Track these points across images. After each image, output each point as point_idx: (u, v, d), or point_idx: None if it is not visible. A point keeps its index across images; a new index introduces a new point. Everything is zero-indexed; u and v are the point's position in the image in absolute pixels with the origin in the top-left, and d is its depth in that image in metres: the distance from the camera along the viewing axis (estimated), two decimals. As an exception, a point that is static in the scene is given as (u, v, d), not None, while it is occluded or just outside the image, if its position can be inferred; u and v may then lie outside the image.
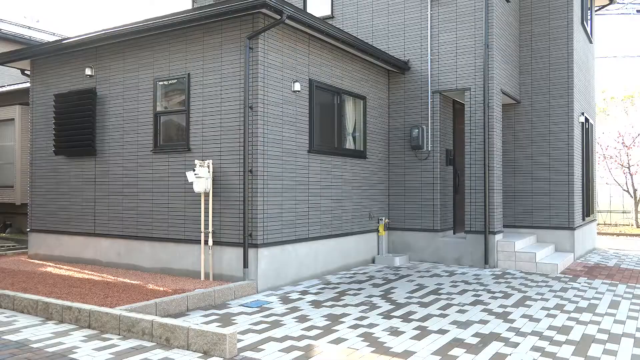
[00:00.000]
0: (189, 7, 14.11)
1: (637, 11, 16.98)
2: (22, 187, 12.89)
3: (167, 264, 8.34)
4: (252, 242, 7.50)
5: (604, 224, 22.96)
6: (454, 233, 11.18)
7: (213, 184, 7.85)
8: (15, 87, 13.60)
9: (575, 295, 7.51)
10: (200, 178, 7.63)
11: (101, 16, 53.34)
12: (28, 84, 11.31)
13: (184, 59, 8.31)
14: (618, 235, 18.44)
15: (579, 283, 8.48)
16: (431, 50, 10.42)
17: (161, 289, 7.06)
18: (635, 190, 22.35)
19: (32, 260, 9.79)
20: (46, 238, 9.90)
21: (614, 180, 23.27)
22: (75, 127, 9.40)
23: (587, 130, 12.29)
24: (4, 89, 13.92)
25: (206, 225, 7.87)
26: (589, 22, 13.05)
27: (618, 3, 16.16)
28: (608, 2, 14.60)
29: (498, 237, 9.95)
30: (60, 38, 11.06)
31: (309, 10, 11.67)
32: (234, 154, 7.73)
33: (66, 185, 9.67)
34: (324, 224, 8.92)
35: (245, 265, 7.45)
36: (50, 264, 9.28)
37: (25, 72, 10.73)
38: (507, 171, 11.30)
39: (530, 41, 11.32)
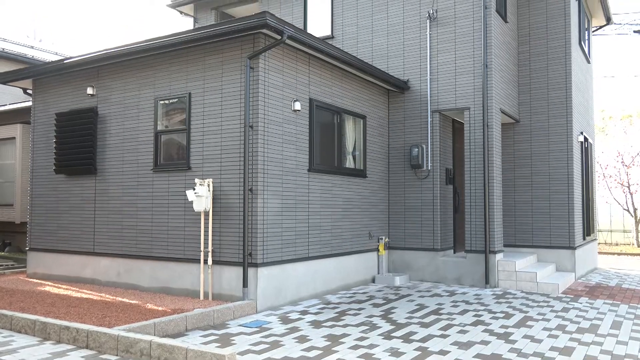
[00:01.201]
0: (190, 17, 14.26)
1: (634, 31, 17.15)
2: (22, 206, 12.87)
3: (167, 283, 8.29)
4: (251, 262, 7.47)
5: (605, 243, 22.89)
6: (454, 252, 11.14)
7: (213, 203, 7.84)
8: (17, 106, 13.66)
9: (577, 316, 7.46)
10: (200, 197, 7.63)
11: (102, 19, 53.77)
12: (29, 103, 11.37)
13: (185, 79, 8.37)
14: (619, 254, 18.37)
15: (581, 303, 8.42)
16: (430, 70, 10.49)
17: (160, 308, 7.00)
18: (635, 210, 22.32)
19: (30, 280, 9.74)
20: (45, 257, 9.86)
21: (614, 200, 23.27)
22: (76, 145, 9.43)
23: (586, 149, 12.31)
24: (5, 107, 13.99)
25: (206, 244, 7.84)
26: (586, 42, 13.17)
27: (615, 24, 16.33)
28: (605, 23, 14.75)
29: (499, 256, 9.91)
30: (62, 57, 11.14)
31: (309, 30, 11.78)
32: (234, 172, 7.74)
33: (66, 203, 9.66)
34: (324, 243, 8.89)
35: (245, 284, 7.41)
36: (49, 283, 9.23)
37: (27, 91, 10.79)
38: (507, 190, 11.29)
39: (528, 61, 11.41)
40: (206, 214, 7.85)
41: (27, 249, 10.22)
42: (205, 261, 7.80)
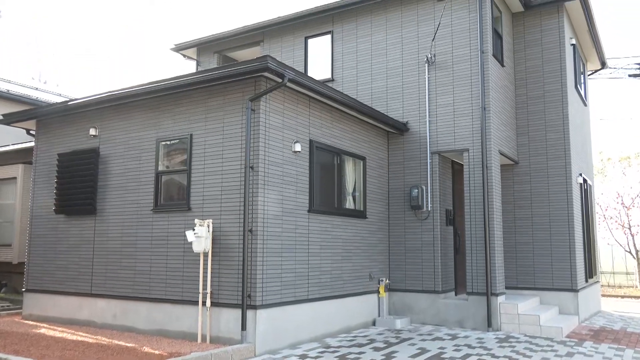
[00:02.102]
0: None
1: (629, 75, 17.47)
2: (20, 246, 12.79)
3: (164, 325, 8.16)
4: (250, 304, 7.38)
5: (608, 285, 22.63)
6: (456, 294, 11.00)
7: (212, 244, 7.80)
8: (19, 146, 13.77)
9: (581, 360, 7.31)
10: (200, 237, 7.59)
11: (107, 59, 54.53)
12: (31, 144, 11.46)
13: (187, 120, 8.47)
14: (622, 297, 18.14)
15: (585, 347, 8.27)
16: (429, 112, 10.63)
17: (156, 352, 6.87)
18: (637, 251, 22.18)
19: (26, 321, 9.58)
20: (41, 298, 9.73)
21: (615, 241, 23.15)
22: (77, 186, 9.45)
23: (586, 191, 12.34)
24: (7, 148, 14.10)
25: (205, 285, 7.76)
26: (582, 85, 13.38)
27: (610, 67, 16.65)
28: (600, 67, 15.03)
29: (500, 299, 9.79)
30: (66, 99, 11.34)
31: (310, 73, 11.99)
32: (234, 213, 7.73)
33: (65, 244, 9.61)
34: (324, 285, 8.80)
35: (244, 327, 7.29)
36: (45, 325, 9.08)
37: (30, 131, 10.89)
38: (508, 232, 11.24)
39: (526, 104, 11.57)
40: (205, 254, 7.80)
41: (23, 290, 10.10)
42: (204, 303, 7.70)
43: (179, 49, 14.30)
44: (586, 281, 11.61)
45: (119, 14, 54.43)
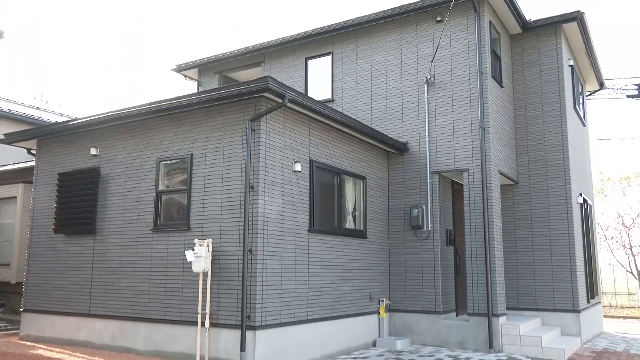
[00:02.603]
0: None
1: (627, 96, 17.55)
2: (19, 266, 12.73)
3: (162, 346, 8.08)
4: (250, 324, 7.32)
5: (610, 306, 22.47)
6: (457, 315, 10.92)
7: (212, 264, 7.76)
8: (19, 165, 13.79)
9: (584, 383, 7.22)
10: (200, 257, 7.56)
11: (109, 83, 54.72)
12: (32, 163, 11.48)
13: (187, 140, 8.50)
14: (625, 318, 18.00)
15: (588, 369, 8.17)
16: (429, 132, 10.67)
17: (155, 373, 6.80)
18: (639, 272, 22.06)
19: (23, 342, 9.50)
20: (39, 318, 9.66)
21: (616, 261, 23.04)
22: (77, 205, 9.45)
23: (586, 211, 12.32)
24: (8, 167, 14.12)
25: (204, 306, 7.70)
26: (581, 106, 13.45)
27: (608, 88, 16.74)
28: (598, 88, 15.12)
29: (502, 319, 9.71)
30: (67, 119, 11.41)
31: (310, 93, 12.07)
32: (234, 233, 7.71)
33: (64, 263, 9.57)
34: (324, 305, 8.74)
35: (243, 348, 7.22)
36: (42, 346, 8.99)
37: (31, 151, 10.92)
38: (509, 252, 11.20)
39: (525, 124, 11.61)
40: (205, 274, 7.76)
41: (21, 310, 10.03)
42: (203, 323, 7.64)
43: (180, 69, 14.41)
44: (588, 302, 11.53)
45: (119, 14, 54.75)
